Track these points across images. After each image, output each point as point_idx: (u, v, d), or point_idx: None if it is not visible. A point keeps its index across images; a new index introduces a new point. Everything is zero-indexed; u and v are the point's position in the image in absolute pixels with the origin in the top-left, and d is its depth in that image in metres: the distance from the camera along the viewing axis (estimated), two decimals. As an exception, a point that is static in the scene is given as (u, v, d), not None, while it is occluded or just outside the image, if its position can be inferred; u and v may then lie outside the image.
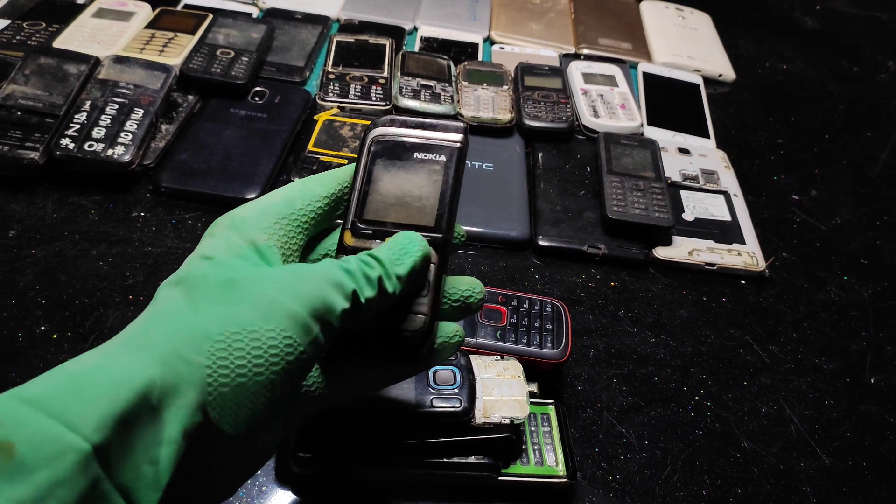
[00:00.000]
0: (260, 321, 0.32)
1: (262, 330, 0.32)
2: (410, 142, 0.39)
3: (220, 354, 0.31)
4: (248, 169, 0.72)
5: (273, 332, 0.32)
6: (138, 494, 0.29)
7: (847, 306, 0.72)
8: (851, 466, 0.57)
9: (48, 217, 0.67)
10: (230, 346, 0.31)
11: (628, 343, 0.64)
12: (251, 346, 0.31)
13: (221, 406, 0.31)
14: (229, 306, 0.32)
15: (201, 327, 0.31)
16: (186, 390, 0.30)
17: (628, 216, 0.72)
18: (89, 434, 0.27)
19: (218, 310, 0.32)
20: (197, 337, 0.31)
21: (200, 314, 0.32)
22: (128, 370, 0.29)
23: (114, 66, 0.77)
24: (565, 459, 0.51)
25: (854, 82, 1.11)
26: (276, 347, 0.32)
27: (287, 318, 0.32)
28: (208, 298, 0.33)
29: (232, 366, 0.31)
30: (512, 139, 0.84)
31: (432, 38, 0.99)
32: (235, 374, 0.31)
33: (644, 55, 1.04)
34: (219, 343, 0.31)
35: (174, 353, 0.30)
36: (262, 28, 0.89)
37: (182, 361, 0.30)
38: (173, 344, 0.31)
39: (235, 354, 0.31)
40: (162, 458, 0.29)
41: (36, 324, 0.57)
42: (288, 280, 0.34)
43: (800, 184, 0.87)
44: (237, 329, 0.31)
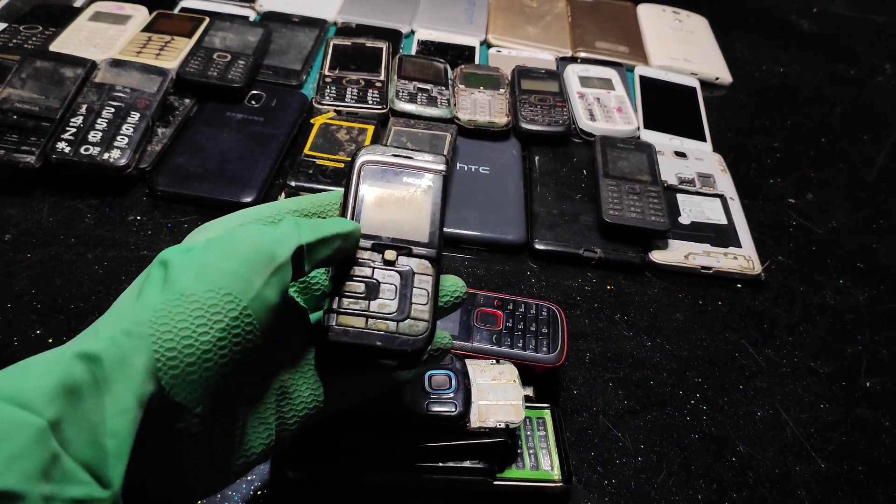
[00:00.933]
0: (195, 284, 0.32)
1: (199, 292, 0.32)
2: (399, 165, 0.42)
3: (161, 322, 0.31)
4: (244, 173, 0.72)
5: (211, 292, 0.32)
6: (103, 467, 0.29)
7: (843, 310, 0.72)
8: (847, 470, 0.57)
9: (44, 221, 0.67)
10: (170, 313, 0.31)
11: (624, 347, 0.64)
12: (191, 308, 0.32)
13: (172, 372, 0.31)
14: (168, 282, 0.33)
15: (143, 303, 0.32)
16: (133, 360, 0.30)
17: (624, 220, 0.72)
18: (40, 409, 0.27)
19: (156, 287, 0.33)
20: (139, 312, 0.31)
21: (143, 295, 0.32)
22: (75, 348, 0.30)
23: (110, 70, 0.77)
24: (561, 464, 0.51)
25: (851, 85, 1.11)
26: (216, 306, 0.32)
27: (224, 275, 0.32)
28: (151, 281, 0.33)
29: (175, 330, 0.31)
30: (508, 143, 0.84)
31: (429, 42, 1.00)
32: (180, 337, 0.31)
33: (641, 58, 1.04)
34: (158, 312, 0.31)
35: (118, 331, 0.31)
36: (258, 31, 0.90)
37: (125, 335, 0.31)
38: (117, 325, 0.31)
39: (177, 319, 0.31)
40: (119, 429, 0.29)
41: (31, 328, 0.57)
42: (223, 243, 0.34)
43: (796, 187, 0.87)
44: (175, 296, 0.32)
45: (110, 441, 0.29)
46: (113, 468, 0.29)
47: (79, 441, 0.29)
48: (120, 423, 0.29)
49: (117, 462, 0.29)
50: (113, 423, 0.29)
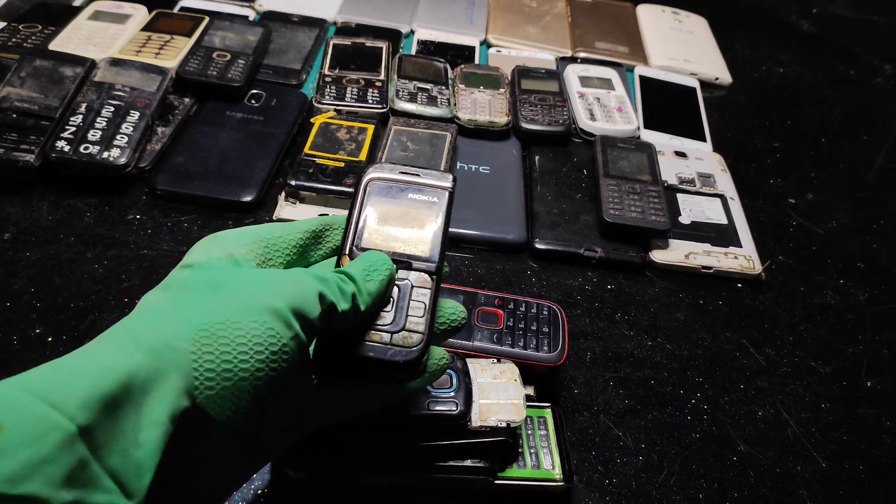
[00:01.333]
0: (242, 314, 0.33)
1: (244, 321, 0.33)
2: (405, 183, 0.42)
3: (204, 342, 0.32)
4: (244, 172, 0.72)
5: (255, 324, 0.33)
6: (128, 476, 0.29)
7: (843, 310, 0.72)
8: (848, 470, 0.57)
9: (43, 220, 0.67)
10: (214, 335, 0.32)
11: (625, 346, 0.64)
12: (234, 335, 0.32)
13: (208, 392, 0.31)
14: (212, 301, 0.34)
15: (185, 318, 0.33)
16: (171, 375, 0.31)
17: (625, 219, 0.72)
18: (74, 414, 0.27)
19: (201, 304, 0.33)
20: (181, 326, 0.32)
21: (184, 308, 0.33)
22: (112, 356, 0.30)
23: (110, 69, 0.77)
24: (562, 463, 0.51)
25: (850, 86, 1.11)
26: (259, 338, 0.33)
27: (269, 312, 0.34)
28: (191, 296, 0.34)
29: (216, 352, 0.32)
30: (508, 142, 0.84)
31: (429, 42, 0.99)
32: (220, 360, 0.32)
33: (641, 59, 1.04)
34: (203, 332, 0.32)
35: (159, 341, 0.31)
36: (258, 31, 0.89)
37: (167, 348, 0.31)
38: (157, 333, 0.32)
39: (220, 342, 0.32)
40: (150, 441, 0.30)
41: (31, 327, 0.57)
42: (268, 279, 0.35)
43: (796, 187, 0.87)
44: (221, 320, 0.33)
45: (140, 452, 0.29)
46: (139, 479, 0.29)
47: (108, 449, 0.29)
48: (151, 436, 0.30)
49: (144, 473, 0.29)
50: (144, 434, 0.30)
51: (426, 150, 0.75)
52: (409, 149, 0.75)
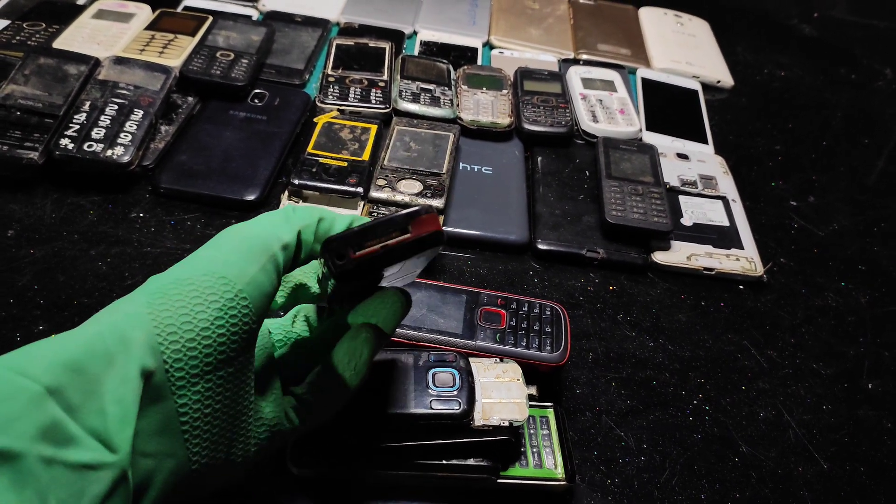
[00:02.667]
0: (192, 270, 0.35)
1: (194, 276, 0.34)
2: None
3: (158, 302, 0.33)
4: (247, 171, 0.72)
5: (206, 276, 0.34)
6: (109, 433, 0.31)
7: (844, 312, 0.72)
8: (849, 471, 0.58)
9: (47, 217, 0.67)
10: (166, 294, 0.34)
11: (627, 347, 0.64)
12: (187, 289, 0.34)
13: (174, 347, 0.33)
14: (161, 274, 0.35)
15: (138, 292, 0.34)
16: (133, 335, 0.32)
17: (627, 220, 0.72)
18: (39, 376, 0.29)
19: (153, 281, 0.35)
20: (138, 297, 0.34)
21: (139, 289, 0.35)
22: (74, 332, 0.32)
23: (114, 67, 0.77)
24: (564, 462, 0.51)
25: (851, 89, 1.11)
26: (211, 287, 0.34)
27: (219, 263, 0.35)
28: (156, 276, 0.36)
29: (172, 308, 0.33)
30: (511, 143, 0.84)
31: (432, 42, 1.00)
32: (178, 315, 0.33)
33: (643, 61, 1.04)
34: (155, 294, 0.34)
35: (116, 314, 0.33)
36: (262, 30, 0.90)
37: (124, 316, 0.33)
38: (114, 309, 0.34)
39: (174, 299, 0.33)
40: (124, 397, 0.31)
41: (34, 323, 0.57)
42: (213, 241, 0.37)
43: (797, 190, 0.87)
44: (170, 281, 0.34)
45: (115, 408, 0.31)
46: (119, 433, 0.31)
47: (84, 409, 0.30)
48: (124, 391, 0.31)
49: (123, 427, 0.31)
50: (116, 391, 0.31)
51: (429, 151, 0.75)
52: (412, 149, 0.75)
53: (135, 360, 0.32)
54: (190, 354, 0.33)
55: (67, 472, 0.29)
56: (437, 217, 0.37)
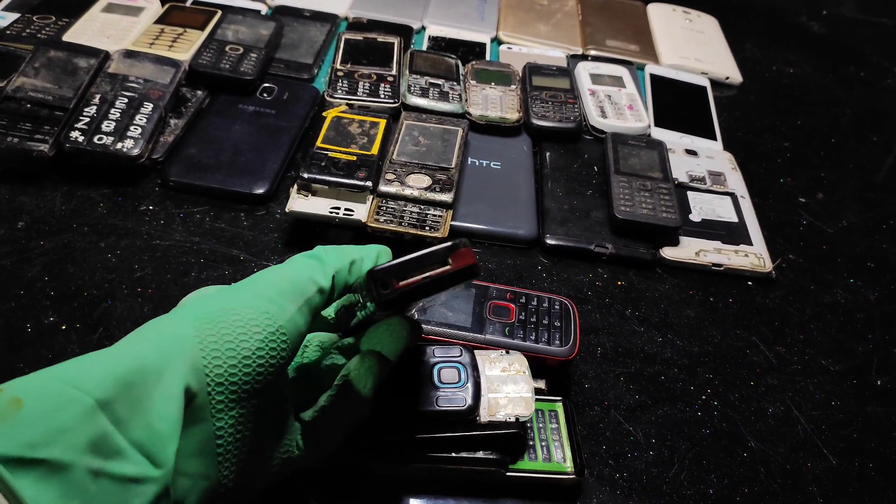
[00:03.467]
0: (237, 303, 0.37)
1: (240, 308, 0.36)
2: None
3: (205, 326, 0.35)
4: (256, 164, 0.72)
5: (250, 309, 0.36)
6: (155, 447, 0.32)
7: (853, 309, 0.72)
8: (858, 467, 0.57)
9: (57, 209, 0.67)
10: (213, 320, 0.35)
11: (635, 342, 0.64)
12: (232, 319, 0.36)
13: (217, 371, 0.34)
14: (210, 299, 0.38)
15: (187, 314, 0.36)
16: (179, 356, 0.34)
17: (636, 216, 0.72)
18: (90, 389, 0.30)
19: (200, 304, 0.37)
20: (183, 319, 0.36)
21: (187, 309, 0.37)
22: (124, 347, 0.34)
23: (123, 61, 0.77)
24: (573, 456, 0.51)
25: (860, 87, 1.11)
26: (255, 320, 0.36)
27: (262, 299, 0.37)
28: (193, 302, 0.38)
29: (218, 334, 0.35)
30: (519, 138, 0.84)
31: (440, 38, 1.00)
32: (223, 341, 0.35)
33: (651, 57, 1.04)
34: (203, 320, 0.35)
35: (165, 333, 0.35)
36: (270, 25, 0.90)
37: (172, 337, 0.34)
38: (162, 328, 0.35)
39: (219, 325, 0.35)
40: (170, 413, 0.32)
41: (44, 314, 0.58)
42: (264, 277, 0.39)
43: (806, 187, 0.87)
44: (217, 310, 0.36)
45: (161, 424, 0.32)
46: (164, 449, 0.32)
47: (131, 423, 0.31)
48: (169, 408, 0.32)
49: (169, 442, 0.32)
50: (163, 408, 0.32)
51: (437, 146, 0.75)
52: (421, 143, 0.75)
53: (180, 378, 0.33)
54: (231, 380, 0.35)
55: (113, 484, 0.30)
56: (472, 251, 0.40)
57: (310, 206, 0.67)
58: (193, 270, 0.63)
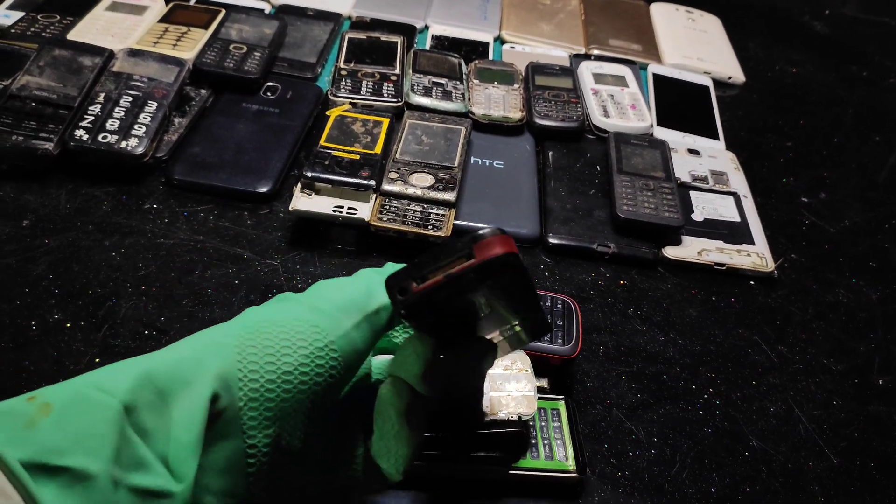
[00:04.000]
0: (285, 314, 0.34)
1: (287, 320, 0.34)
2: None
3: (247, 336, 0.33)
4: (259, 163, 0.73)
5: (299, 321, 0.34)
6: (178, 460, 0.30)
7: (855, 308, 0.72)
8: (859, 466, 0.58)
9: (61, 207, 0.67)
10: (257, 331, 0.33)
11: (637, 341, 0.65)
12: (276, 331, 0.33)
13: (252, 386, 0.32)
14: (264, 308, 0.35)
15: (232, 322, 0.34)
16: (211, 364, 0.32)
17: (638, 215, 0.72)
18: (117, 393, 0.29)
19: (255, 311, 0.35)
20: (226, 327, 0.34)
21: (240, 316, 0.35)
22: (162, 353, 0.32)
23: (128, 59, 0.77)
24: (575, 455, 0.51)
25: (863, 87, 1.11)
26: (302, 334, 0.33)
27: (314, 311, 0.34)
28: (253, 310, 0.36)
29: (258, 346, 0.33)
30: (522, 137, 0.84)
31: (443, 37, 1.00)
32: (263, 353, 0.33)
33: (654, 57, 1.04)
34: (246, 328, 0.33)
35: (207, 339, 0.33)
36: (274, 24, 0.90)
37: (212, 343, 0.33)
38: (207, 338, 0.33)
39: (262, 336, 0.33)
40: (195, 426, 0.31)
41: (49, 312, 0.58)
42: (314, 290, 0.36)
43: (809, 186, 0.87)
44: (263, 320, 0.34)
45: (185, 434, 0.30)
46: (185, 462, 0.30)
47: (156, 435, 0.30)
48: (195, 419, 0.31)
49: (190, 456, 0.30)
50: (188, 417, 0.31)
51: (440, 145, 0.75)
52: (424, 143, 0.75)
53: (208, 388, 0.31)
54: (267, 395, 0.32)
55: (133, 496, 0.29)
56: (507, 239, 0.33)
57: (313, 204, 0.67)
58: (197, 269, 0.64)
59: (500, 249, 0.32)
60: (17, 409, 0.28)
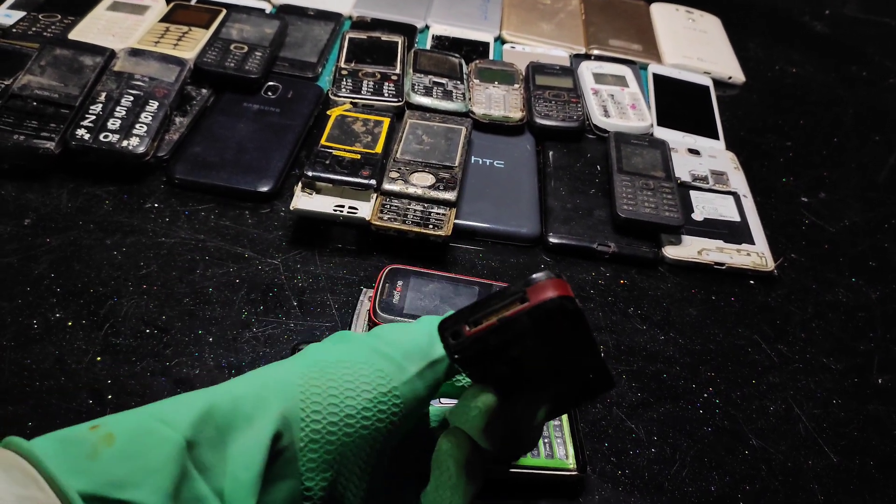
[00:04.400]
0: (353, 355, 0.34)
1: (354, 361, 0.33)
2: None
3: (312, 375, 0.33)
4: (260, 162, 0.73)
5: (365, 366, 0.33)
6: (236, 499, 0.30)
7: (855, 307, 0.72)
8: (859, 465, 0.58)
9: (63, 206, 0.67)
10: (323, 371, 0.33)
11: (638, 340, 0.65)
12: (342, 373, 0.33)
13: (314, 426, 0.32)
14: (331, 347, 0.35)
15: (301, 361, 0.34)
16: (274, 402, 0.31)
17: (639, 215, 0.72)
18: (183, 429, 0.29)
19: (321, 349, 0.35)
20: (296, 365, 0.33)
21: (306, 353, 0.35)
22: (226, 387, 0.32)
23: (129, 59, 0.77)
24: (575, 453, 0.52)
25: (863, 87, 1.11)
26: (366, 376, 0.33)
27: (380, 356, 0.34)
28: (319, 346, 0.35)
29: (323, 387, 0.32)
30: (523, 137, 0.84)
31: (444, 37, 1.00)
32: (326, 395, 0.32)
33: (654, 57, 1.04)
34: (312, 368, 0.33)
35: (273, 376, 0.33)
36: (275, 23, 0.90)
37: (276, 381, 0.32)
38: (274, 370, 0.33)
39: (327, 377, 0.33)
40: (254, 463, 0.30)
41: (51, 311, 0.58)
42: (381, 332, 0.36)
43: (809, 186, 0.87)
44: (331, 360, 0.34)
45: (245, 473, 0.30)
46: (244, 499, 0.30)
47: (215, 470, 0.30)
48: (255, 458, 0.30)
49: (248, 494, 0.30)
50: (249, 456, 0.30)
51: (441, 144, 0.75)
52: (425, 142, 0.75)
53: (271, 426, 0.31)
54: (329, 438, 0.32)
55: None
56: (561, 283, 0.32)
57: (314, 204, 0.67)
58: (198, 268, 0.64)
59: (554, 293, 0.32)
60: (79, 438, 0.28)
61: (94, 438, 0.28)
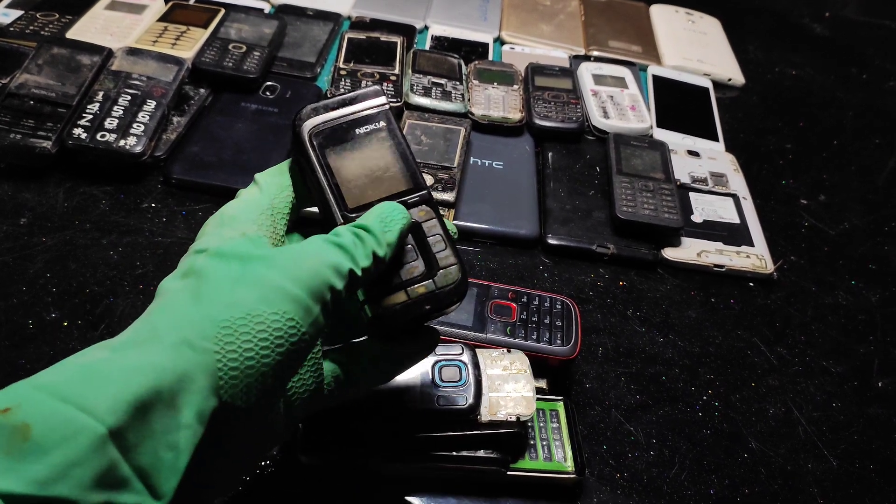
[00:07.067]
0: (263, 305, 0.33)
1: (265, 314, 0.32)
2: (346, 121, 0.40)
3: (227, 339, 0.32)
4: (258, 162, 0.73)
5: (276, 316, 0.33)
6: (158, 478, 0.29)
7: (855, 310, 0.72)
8: (859, 468, 0.57)
9: (59, 206, 0.67)
10: (236, 331, 0.32)
11: (637, 342, 0.64)
12: (256, 329, 0.32)
13: (233, 389, 0.31)
14: (232, 295, 0.33)
15: (207, 314, 0.32)
16: (198, 376, 0.31)
17: (638, 216, 0.72)
18: (103, 416, 0.27)
19: (221, 297, 0.33)
20: (203, 324, 0.32)
21: (204, 303, 0.33)
22: (138, 359, 0.30)
23: (126, 58, 0.77)
24: (574, 456, 0.51)
25: (863, 89, 1.11)
26: (280, 330, 0.33)
27: (289, 301, 0.33)
28: (211, 288, 0.33)
29: (240, 350, 0.32)
30: (522, 138, 0.84)
31: (443, 38, 1.00)
32: (244, 357, 0.32)
33: (654, 58, 1.04)
34: (225, 329, 0.32)
35: (182, 342, 0.31)
36: (273, 23, 0.90)
37: (191, 348, 0.31)
38: (181, 333, 0.31)
39: (242, 339, 0.32)
40: (180, 443, 0.30)
41: (46, 311, 0.58)
42: (287, 264, 0.34)
43: (808, 188, 0.87)
44: (241, 314, 0.32)
45: (170, 454, 0.29)
46: (168, 481, 0.29)
47: (138, 450, 0.29)
48: (179, 437, 0.30)
49: (172, 475, 0.30)
50: (174, 436, 0.30)
51: (440, 145, 0.75)
52: (423, 142, 0.75)
53: (196, 404, 0.30)
54: (248, 391, 0.32)
55: None
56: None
57: (312, 204, 0.67)
58: (195, 268, 0.63)
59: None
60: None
61: (8, 429, 0.27)
